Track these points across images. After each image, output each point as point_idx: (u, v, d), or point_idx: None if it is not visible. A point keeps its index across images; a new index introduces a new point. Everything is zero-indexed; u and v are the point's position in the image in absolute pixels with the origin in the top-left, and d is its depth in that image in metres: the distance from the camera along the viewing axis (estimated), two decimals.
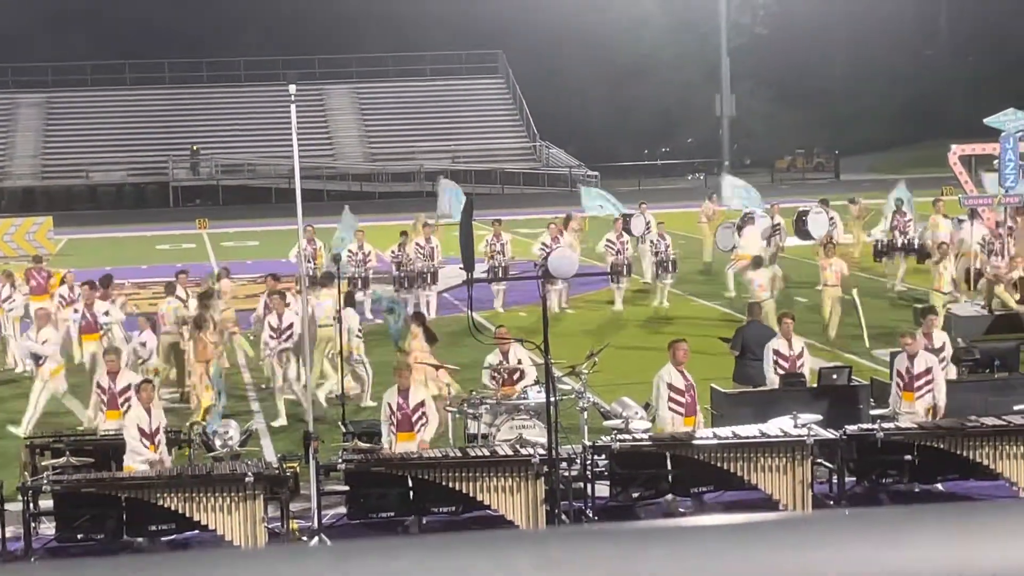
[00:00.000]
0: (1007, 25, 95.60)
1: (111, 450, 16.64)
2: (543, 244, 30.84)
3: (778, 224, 34.59)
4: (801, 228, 34.87)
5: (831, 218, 34.47)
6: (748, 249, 32.87)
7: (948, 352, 18.47)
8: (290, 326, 21.44)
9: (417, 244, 31.33)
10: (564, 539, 1.28)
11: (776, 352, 18.27)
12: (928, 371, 17.00)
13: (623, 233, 31.88)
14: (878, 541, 1.34)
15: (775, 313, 23.13)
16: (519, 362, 18.49)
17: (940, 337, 18.65)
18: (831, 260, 27.02)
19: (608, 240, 31.93)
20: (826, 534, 1.30)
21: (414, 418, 16.09)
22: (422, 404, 16.22)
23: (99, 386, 17.95)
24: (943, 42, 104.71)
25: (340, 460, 15.31)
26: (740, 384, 18.96)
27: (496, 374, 18.06)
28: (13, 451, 18.11)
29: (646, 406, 17.35)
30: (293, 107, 16.65)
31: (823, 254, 27.73)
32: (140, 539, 14.91)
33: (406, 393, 16.23)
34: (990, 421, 16.03)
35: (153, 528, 14.83)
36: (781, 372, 18.09)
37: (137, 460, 15.61)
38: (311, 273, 29.55)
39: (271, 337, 21.59)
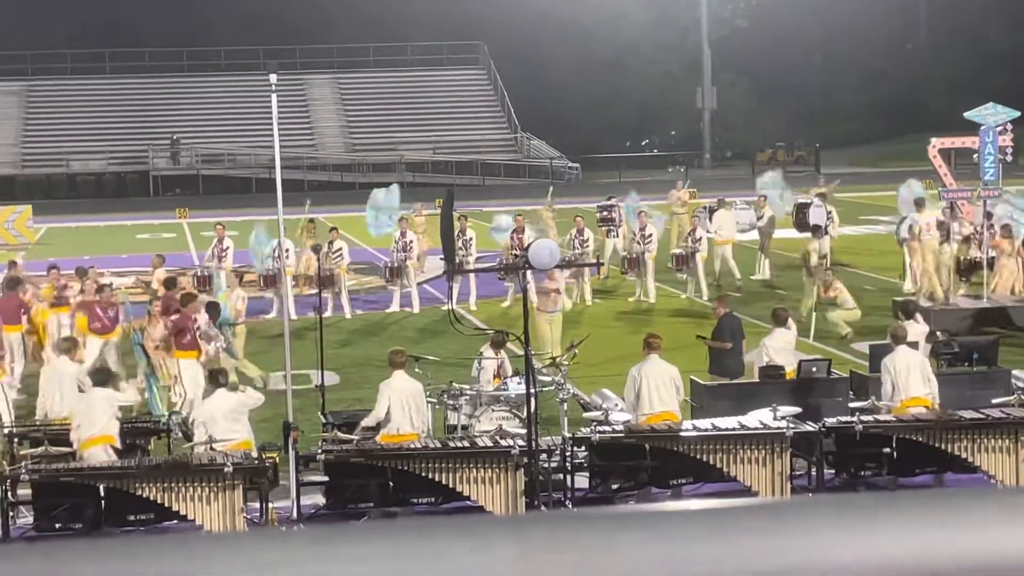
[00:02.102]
0: (987, 20, 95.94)
1: None
2: (568, 236, 31.11)
3: (761, 215, 34.64)
4: (802, 220, 34.80)
5: (829, 212, 34.52)
6: (723, 233, 32.98)
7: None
8: None
9: (394, 239, 31.21)
10: (541, 524, 1.29)
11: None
12: None
13: (647, 225, 31.75)
14: (856, 526, 1.35)
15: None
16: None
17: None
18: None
19: (632, 232, 31.90)
20: (804, 519, 1.32)
21: None
22: None
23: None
24: (923, 37, 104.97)
25: (320, 451, 15.30)
26: (716, 376, 18.96)
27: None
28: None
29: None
30: (274, 97, 16.62)
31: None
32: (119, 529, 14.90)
33: None
34: (969, 414, 16.08)
35: (132, 518, 14.81)
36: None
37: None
38: (208, 274, 29.54)
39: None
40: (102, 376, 16.50)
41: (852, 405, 17.06)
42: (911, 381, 16.80)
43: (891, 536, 1.33)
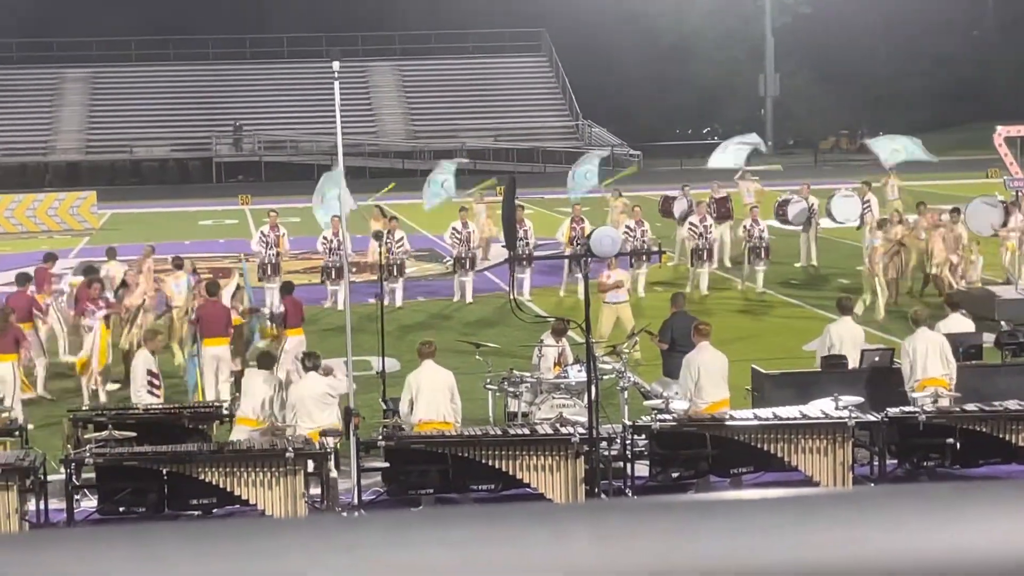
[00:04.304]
0: None
1: (154, 425, 16.79)
2: (627, 227, 30.53)
3: (813, 205, 34.27)
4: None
5: (866, 201, 34.11)
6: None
7: None
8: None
9: (454, 229, 30.91)
10: (620, 511, 1.28)
11: None
12: None
13: (706, 216, 31.30)
14: (943, 517, 1.33)
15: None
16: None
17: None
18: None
19: (691, 223, 31.35)
20: (888, 509, 1.30)
21: None
22: None
23: (150, 372, 17.99)
24: (990, 22, 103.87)
25: (380, 437, 15.34)
26: (670, 377, 18.41)
27: None
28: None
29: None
30: (336, 84, 16.67)
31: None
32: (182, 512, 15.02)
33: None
34: None
35: (194, 502, 14.92)
36: None
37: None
38: (274, 261, 29.44)
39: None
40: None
41: (915, 395, 16.94)
42: (929, 362, 16.80)
43: (979, 527, 1.31)
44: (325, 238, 28.88)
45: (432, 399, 16.02)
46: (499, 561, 1.24)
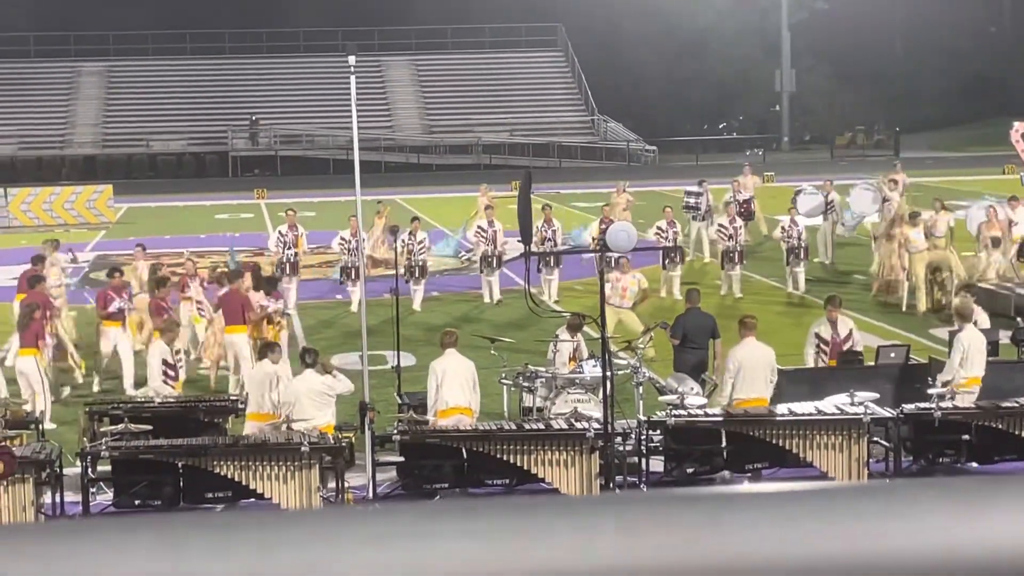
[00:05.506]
0: None
1: (169, 418, 16.81)
2: (659, 227, 30.03)
3: (832, 201, 34.11)
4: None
5: (884, 198, 33.98)
6: None
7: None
8: None
9: (479, 228, 30.50)
10: (643, 503, 1.29)
11: (818, 336, 18.20)
12: None
13: (735, 218, 30.83)
14: (966, 510, 1.33)
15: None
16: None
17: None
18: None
19: (720, 225, 30.84)
20: (911, 502, 1.30)
21: None
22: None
23: (166, 362, 17.98)
24: (1007, 18, 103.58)
25: (395, 431, 15.36)
26: (680, 371, 18.23)
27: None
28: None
29: (702, 382, 17.32)
30: (352, 78, 16.69)
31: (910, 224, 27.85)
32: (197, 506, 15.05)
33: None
34: None
35: (209, 495, 14.95)
36: (823, 357, 18.10)
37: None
38: (292, 260, 29.22)
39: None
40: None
41: (931, 391, 16.89)
42: (976, 360, 16.73)
43: (1000, 520, 1.31)
44: (343, 238, 28.77)
45: (457, 386, 16.05)
46: (523, 553, 1.25)
